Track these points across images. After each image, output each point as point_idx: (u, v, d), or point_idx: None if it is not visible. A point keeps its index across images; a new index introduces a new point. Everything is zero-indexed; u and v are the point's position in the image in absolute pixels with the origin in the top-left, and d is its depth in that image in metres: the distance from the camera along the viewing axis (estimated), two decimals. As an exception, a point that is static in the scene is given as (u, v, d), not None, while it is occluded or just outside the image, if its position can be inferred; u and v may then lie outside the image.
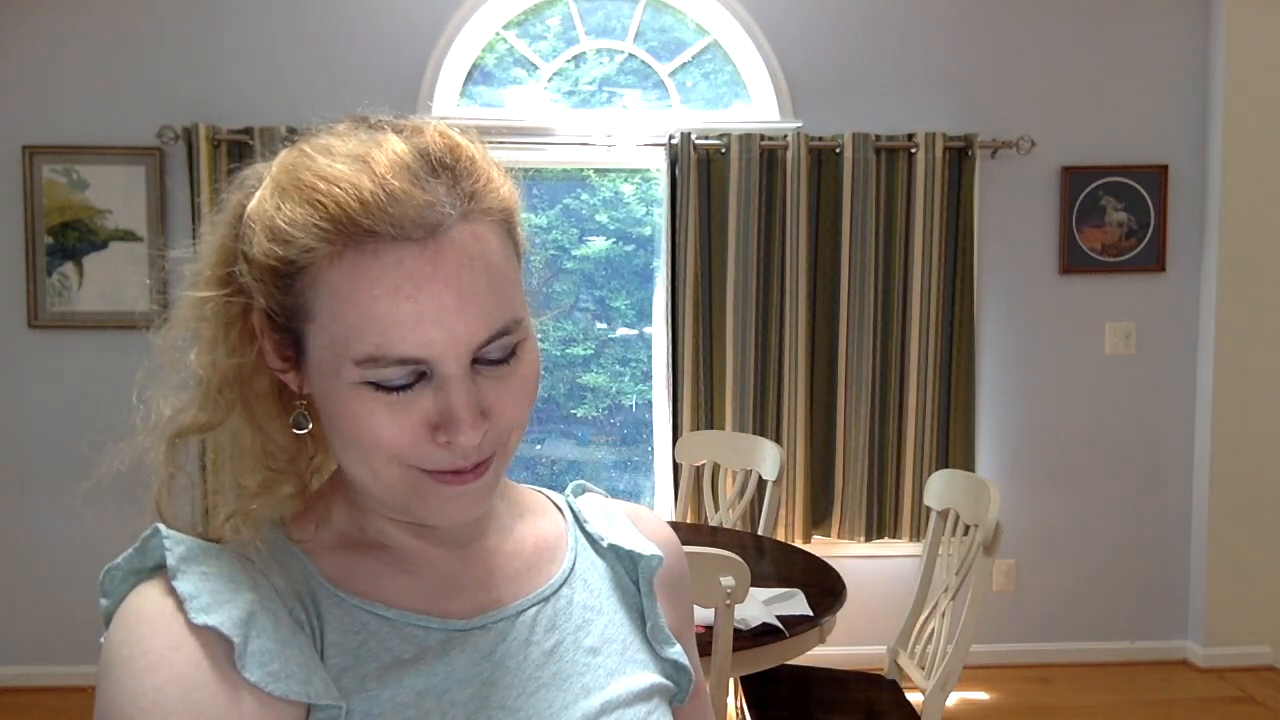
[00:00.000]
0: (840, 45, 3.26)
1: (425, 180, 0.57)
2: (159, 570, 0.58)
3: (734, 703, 2.36)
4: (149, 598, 0.57)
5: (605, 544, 0.76)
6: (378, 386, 0.57)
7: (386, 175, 0.56)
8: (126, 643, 0.55)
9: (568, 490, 0.82)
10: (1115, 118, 3.33)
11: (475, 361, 0.59)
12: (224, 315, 0.63)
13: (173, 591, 0.56)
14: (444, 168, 0.58)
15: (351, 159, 0.57)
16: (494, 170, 0.62)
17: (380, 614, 0.63)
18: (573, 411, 3.50)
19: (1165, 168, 3.33)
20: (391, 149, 0.57)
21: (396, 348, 0.56)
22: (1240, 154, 3.27)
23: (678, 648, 0.75)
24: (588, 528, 0.78)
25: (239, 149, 3.04)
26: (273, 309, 0.60)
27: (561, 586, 0.72)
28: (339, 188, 0.55)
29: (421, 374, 0.58)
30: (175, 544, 0.58)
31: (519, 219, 0.64)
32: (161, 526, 0.59)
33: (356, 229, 0.55)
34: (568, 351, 3.48)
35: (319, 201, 0.56)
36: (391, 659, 0.62)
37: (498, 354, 0.60)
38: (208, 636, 0.54)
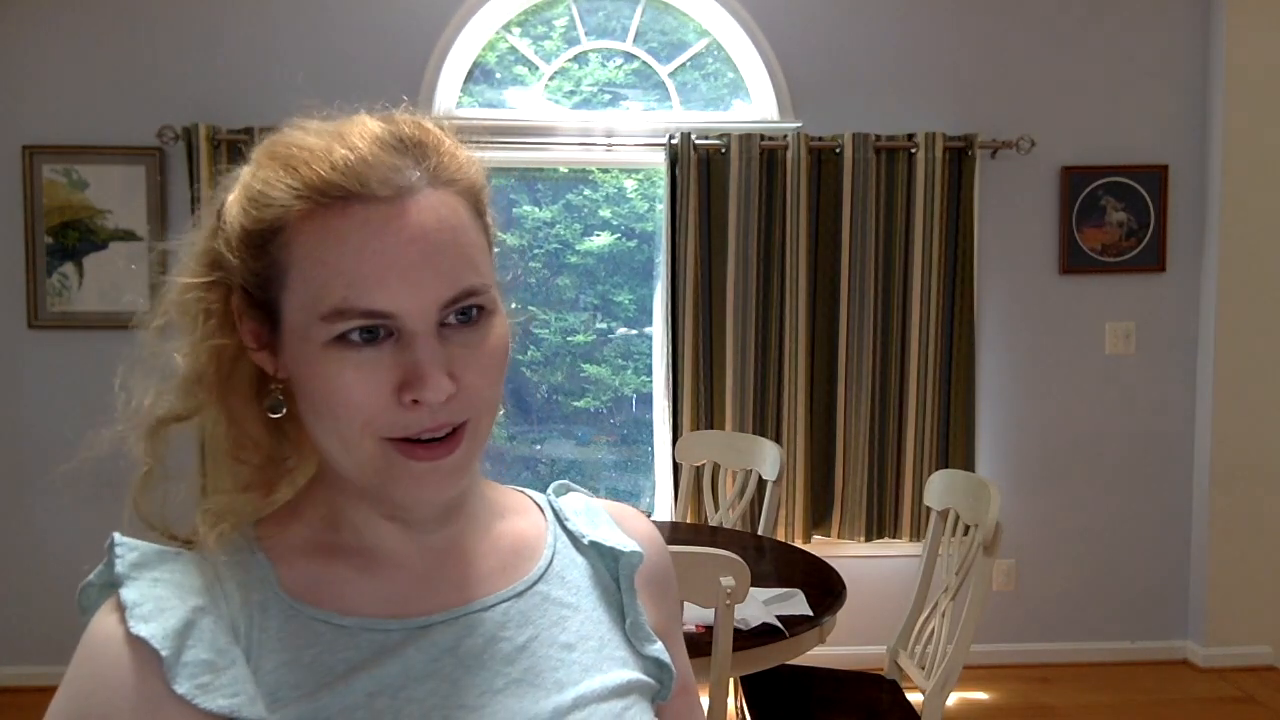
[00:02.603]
0: (840, 45, 3.26)
1: (395, 149, 0.60)
2: None
3: (734, 703, 2.36)
4: (100, 615, 0.59)
5: (586, 541, 0.76)
6: (345, 345, 0.58)
7: (358, 142, 0.59)
8: (73, 663, 0.58)
9: (550, 490, 0.82)
10: (1115, 118, 3.33)
11: (443, 326, 0.60)
12: (204, 303, 0.64)
13: (120, 602, 0.57)
14: (414, 143, 0.62)
15: (326, 132, 0.61)
16: (461, 152, 0.65)
17: (336, 623, 0.63)
18: (575, 404, 3.50)
19: (1165, 168, 3.33)
20: (363, 123, 0.61)
21: (362, 300, 0.57)
22: (1240, 154, 3.27)
23: (659, 645, 0.74)
24: (568, 525, 0.78)
25: (239, 149, 3.04)
26: (248, 282, 0.62)
27: (537, 583, 0.71)
28: (312, 152, 0.59)
29: (389, 334, 0.59)
30: (128, 550, 0.59)
31: (487, 202, 0.66)
32: (117, 535, 0.60)
33: (327, 187, 0.58)
34: (570, 340, 3.48)
35: (292, 165, 0.59)
36: (346, 668, 0.61)
37: (463, 316, 0.61)
38: (141, 650, 0.55)
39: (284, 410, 0.65)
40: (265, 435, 0.67)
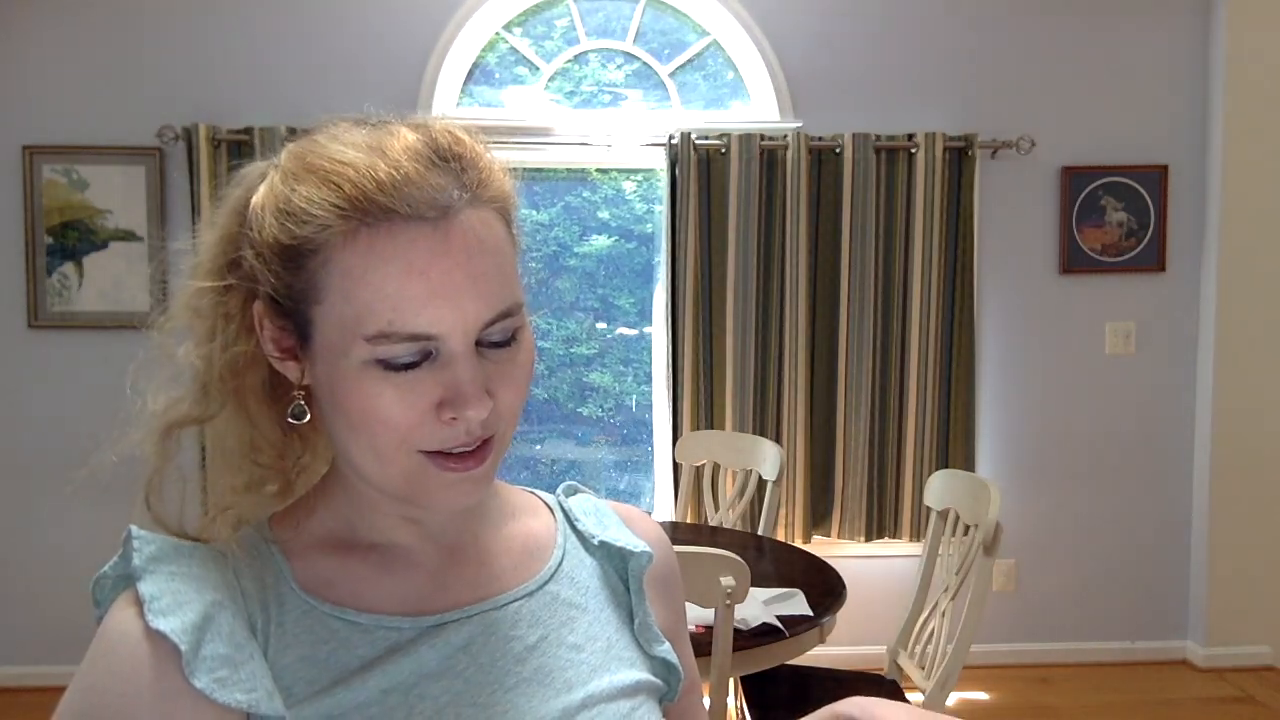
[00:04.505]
0: (840, 45, 3.26)
1: (436, 165, 0.59)
2: None
3: (734, 703, 2.36)
4: (116, 608, 0.58)
5: (596, 542, 0.77)
6: (386, 366, 0.58)
7: (400, 159, 0.58)
8: (88, 658, 0.57)
9: (559, 490, 0.83)
10: (1115, 118, 3.33)
11: (478, 344, 0.60)
12: (223, 307, 0.64)
13: (138, 596, 0.57)
14: (453, 157, 0.61)
15: (365, 146, 0.59)
16: (494, 163, 0.65)
17: (351, 620, 0.63)
18: (578, 410, 3.50)
19: (1165, 168, 3.33)
20: (403, 137, 0.60)
21: (408, 323, 0.57)
22: (1240, 154, 3.27)
23: (666, 646, 0.75)
24: (578, 526, 0.78)
25: (239, 149, 3.04)
26: (279, 293, 0.61)
27: (547, 582, 0.72)
28: (355, 169, 0.58)
29: (427, 354, 0.59)
30: (145, 544, 0.59)
31: (515, 211, 0.67)
32: (134, 528, 0.60)
33: (373, 207, 0.57)
34: (572, 351, 3.48)
35: (334, 182, 0.58)
36: (360, 664, 0.62)
37: (500, 336, 0.61)
38: (160, 644, 0.55)
39: (307, 417, 0.65)
40: (280, 436, 0.68)
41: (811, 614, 1.83)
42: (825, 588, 2.00)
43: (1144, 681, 3.28)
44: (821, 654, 2.19)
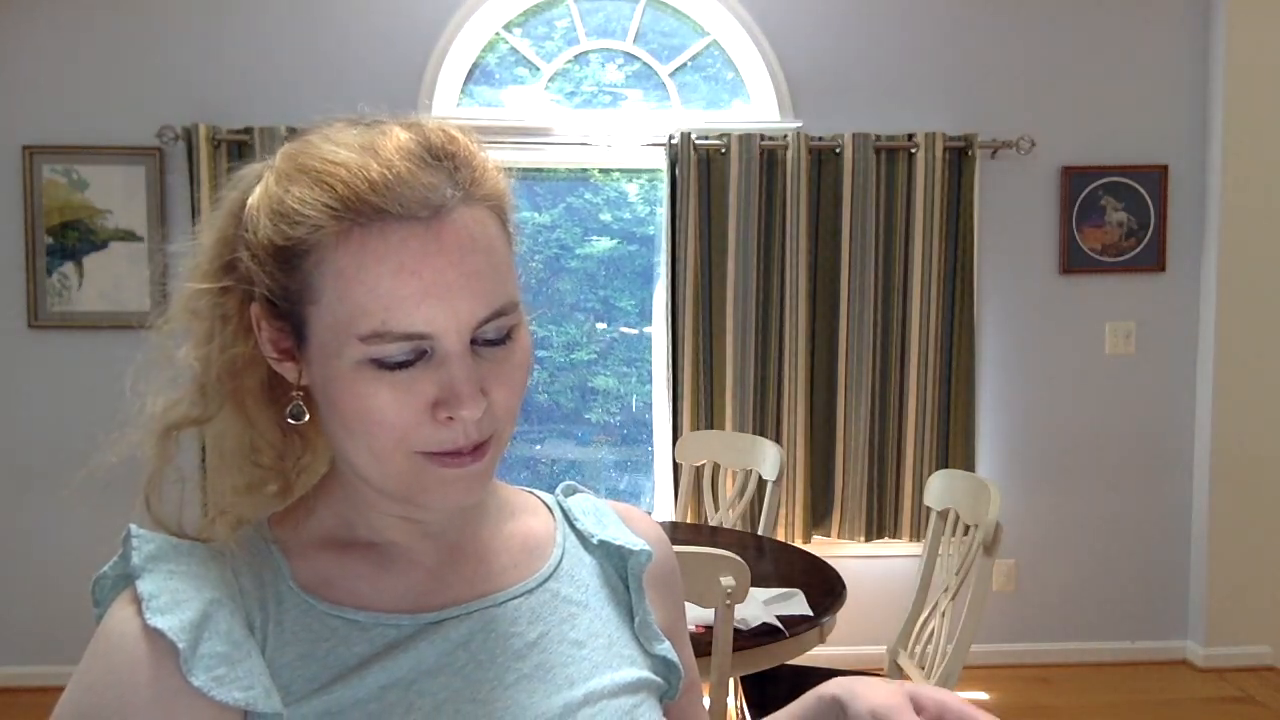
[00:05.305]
0: (840, 45, 3.26)
1: (429, 164, 0.59)
2: None
3: (734, 703, 2.36)
4: (115, 607, 0.59)
5: (595, 540, 0.77)
6: (380, 365, 0.58)
7: (393, 159, 0.58)
8: (87, 656, 0.58)
9: (558, 490, 0.83)
10: (1115, 118, 3.33)
11: (473, 342, 0.60)
12: (220, 309, 0.64)
13: (136, 594, 0.57)
14: (446, 155, 0.61)
15: (357, 146, 0.59)
16: (488, 162, 0.65)
17: (350, 618, 0.64)
18: (585, 416, 3.50)
19: (1165, 168, 3.33)
20: (396, 136, 0.60)
21: (401, 323, 0.57)
22: (1240, 154, 3.27)
23: (666, 644, 0.75)
24: (578, 525, 0.78)
25: (239, 149, 3.04)
26: (275, 294, 0.61)
27: (547, 580, 0.72)
28: (348, 169, 0.58)
29: (422, 353, 0.59)
30: (144, 542, 0.60)
31: (511, 210, 0.67)
32: (133, 526, 0.60)
33: (365, 207, 0.57)
34: (572, 356, 3.47)
35: (327, 183, 0.58)
36: (358, 661, 0.62)
37: (495, 334, 0.61)
38: (158, 642, 0.56)
39: (306, 417, 0.65)
40: (279, 436, 0.68)
41: (811, 614, 1.83)
42: (825, 588, 2.00)
43: (1144, 681, 3.28)
44: (821, 654, 2.19)
